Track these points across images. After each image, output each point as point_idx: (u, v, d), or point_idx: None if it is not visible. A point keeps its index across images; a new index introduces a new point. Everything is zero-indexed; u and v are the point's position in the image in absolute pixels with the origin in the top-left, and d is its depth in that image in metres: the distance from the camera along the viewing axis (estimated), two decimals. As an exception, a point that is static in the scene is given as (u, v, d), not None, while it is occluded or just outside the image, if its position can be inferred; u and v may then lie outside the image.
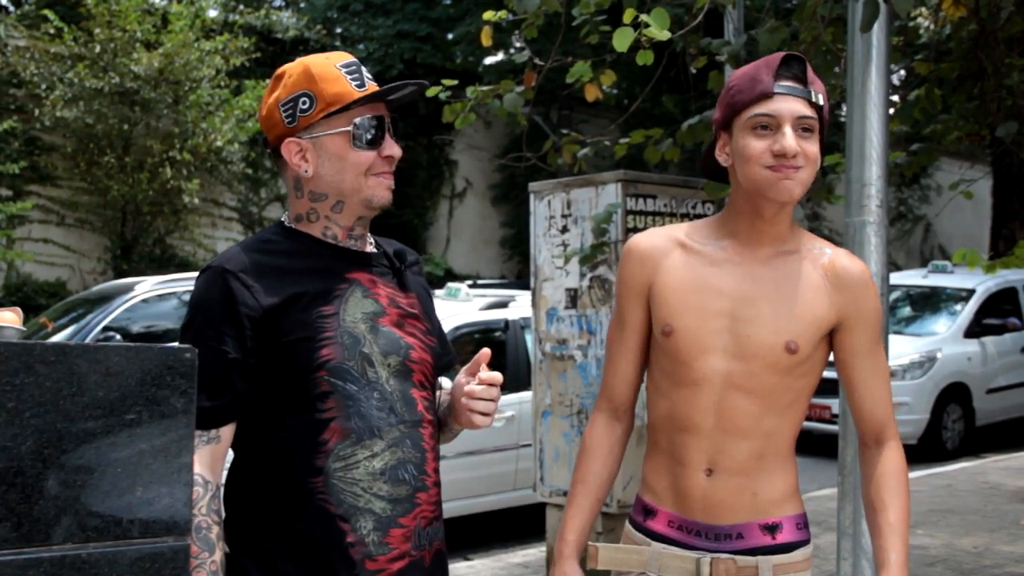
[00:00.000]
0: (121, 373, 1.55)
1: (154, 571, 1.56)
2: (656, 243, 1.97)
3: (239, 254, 1.86)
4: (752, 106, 1.84)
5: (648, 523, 1.95)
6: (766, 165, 1.82)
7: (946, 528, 6.65)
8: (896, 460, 1.92)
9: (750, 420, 1.87)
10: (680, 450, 1.91)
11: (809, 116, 1.83)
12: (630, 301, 1.97)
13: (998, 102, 4.83)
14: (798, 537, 1.91)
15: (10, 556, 1.47)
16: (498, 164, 17.02)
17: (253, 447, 1.85)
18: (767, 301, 1.87)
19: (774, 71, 1.84)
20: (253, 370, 1.80)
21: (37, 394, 1.49)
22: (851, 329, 1.90)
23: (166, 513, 1.57)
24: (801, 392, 1.91)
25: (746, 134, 1.84)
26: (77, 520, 1.52)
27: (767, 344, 1.85)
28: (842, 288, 1.90)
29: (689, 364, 1.88)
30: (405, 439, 1.84)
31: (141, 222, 14.54)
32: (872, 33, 3.16)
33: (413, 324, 1.93)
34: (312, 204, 1.91)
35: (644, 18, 3.32)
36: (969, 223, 24.82)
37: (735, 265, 1.91)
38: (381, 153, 1.89)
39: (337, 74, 1.87)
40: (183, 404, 1.58)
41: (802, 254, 1.92)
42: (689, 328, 1.88)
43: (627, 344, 1.99)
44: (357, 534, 1.78)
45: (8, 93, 13.63)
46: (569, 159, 4.87)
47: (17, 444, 1.48)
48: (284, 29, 17.65)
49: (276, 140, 1.91)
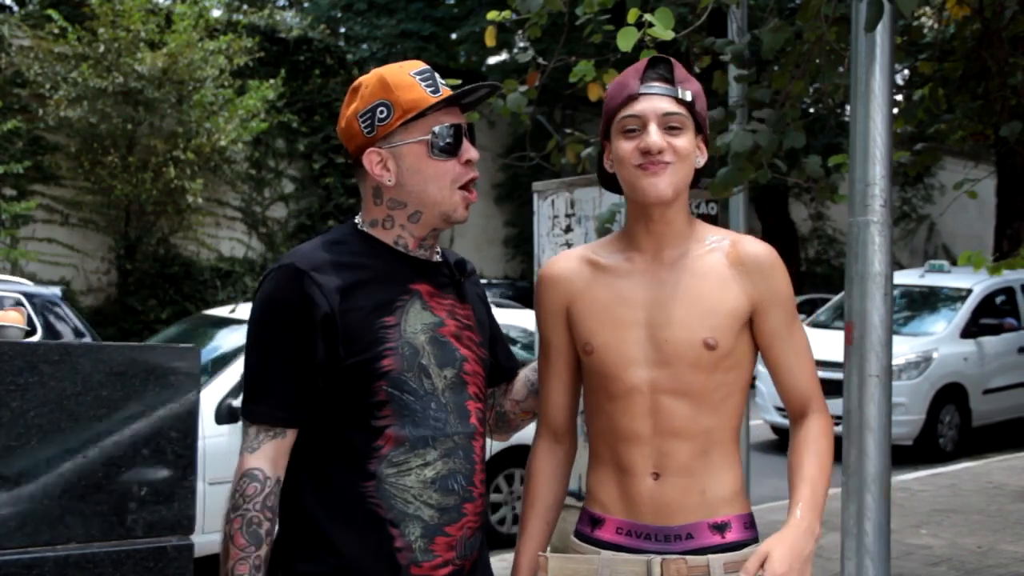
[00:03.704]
0: (125, 372, 1.55)
1: (158, 570, 1.57)
2: (566, 266, 2.01)
3: (312, 252, 1.87)
4: (621, 109, 1.89)
5: (596, 533, 1.96)
6: (635, 164, 1.87)
7: (950, 528, 6.64)
8: (816, 427, 1.94)
9: (686, 421, 1.89)
10: (624, 458, 1.93)
11: (676, 112, 1.87)
12: (551, 325, 2.02)
13: (1002, 101, 4.82)
14: (746, 536, 1.93)
15: (15, 555, 1.47)
16: (502, 163, 17.01)
17: (308, 449, 1.85)
18: (678, 303, 1.90)
19: (640, 74, 1.90)
20: (321, 372, 1.81)
21: (41, 393, 1.49)
22: (765, 312, 1.93)
23: (170, 512, 1.57)
24: (733, 386, 1.93)
25: (618, 137, 1.90)
26: (81, 519, 1.52)
27: (685, 345, 1.88)
28: (750, 273, 1.92)
29: (616, 377, 1.91)
30: (458, 450, 1.86)
31: (145, 222, 14.56)
32: (876, 32, 3.16)
33: (469, 336, 1.95)
34: (389, 212, 1.92)
35: (648, 17, 3.32)
36: (973, 223, 24.78)
37: (642, 274, 1.94)
38: (461, 159, 1.90)
39: (412, 81, 1.88)
40: (187, 403, 1.58)
41: (705, 248, 1.95)
42: (608, 344, 1.92)
43: (555, 368, 2.02)
44: (405, 539, 1.80)
45: (12, 93, 13.65)
46: (573, 159, 4.87)
47: (21, 443, 1.48)
48: (288, 29, 17.66)
49: (356, 151, 1.92)
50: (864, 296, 3.18)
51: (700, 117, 1.92)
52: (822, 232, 25.03)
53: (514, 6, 4.19)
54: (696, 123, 1.92)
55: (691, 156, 1.90)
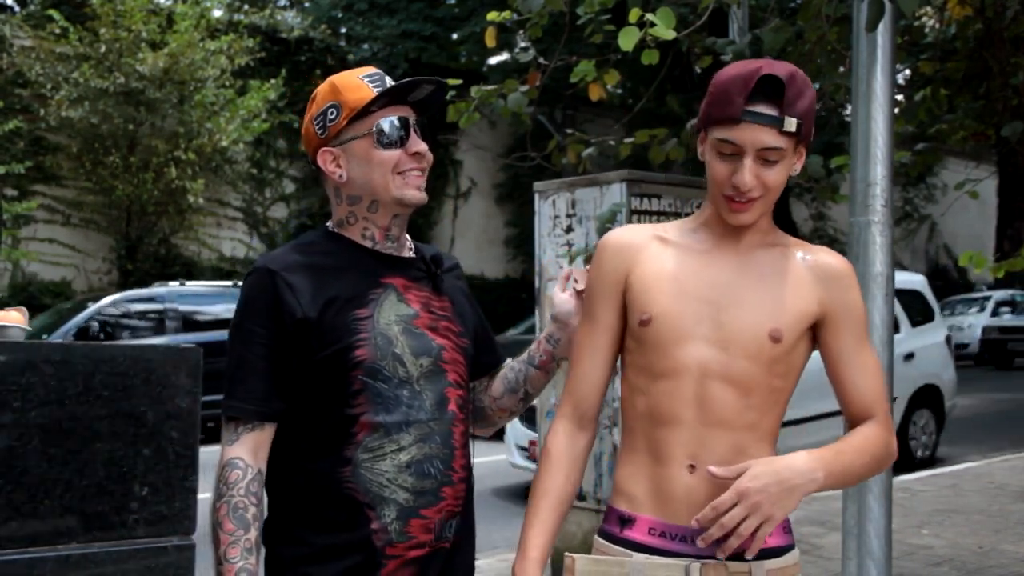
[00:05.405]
0: (126, 373, 1.55)
1: (158, 570, 1.57)
2: (632, 235, 1.92)
3: (284, 255, 1.97)
4: (718, 127, 1.79)
5: (626, 533, 1.85)
6: (724, 194, 1.80)
7: (951, 528, 6.64)
8: (872, 429, 1.86)
9: (731, 411, 1.80)
10: (660, 447, 1.83)
11: (775, 147, 1.77)
12: (603, 297, 1.90)
13: (1004, 101, 4.82)
14: (786, 541, 1.85)
15: (16, 555, 1.48)
16: (502, 164, 17.04)
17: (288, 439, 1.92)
18: (751, 289, 1.83)
19: (747, 92, 1.76)
20: (294, 367, 1.89)
21: (42, 393, 1.49)
22: (836, 326, 1.86)
23: (170, 512, 1.58)
24: (781, 394, 1.86)
25: (712, 152, 1.82)
26: (82, 519, 1.52)
27: (751, 331, 1.80)
28: (825, 281, 1.86)
29: (668, 352, 1.81)
30: (434, 435, 1.91)
31: (146, 222, 14.57)
32: (877, 33, 3.16)
33: (447, 327, 2.01)
34: (350, 208, 2.00)
35: (649, 17, 3.32)
36: (974, 223, 24.79)
37: (715, 255, 1.87)
38: (408, 151, 1.97)
39: (359, 83, 1.97)
40: (188, 403, 1.58)
41: (784, 248, 1.89)
42: (668, 314, 1.82)
43: (597, 344, 1.91)
44: (380, 522, 1.86)
45: (13, 93, 13.66)
46: (574, 159, 4.87)
47: (23, 443, 1.48)
48: (289, 29, 17.68)
49: (313, 153, 2.02)
50: (865, 296, 3.17)
51: (805, 134, 1.81)
52: (823, 232, 25.03)
53: (515, 6, 4.19)
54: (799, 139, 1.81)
55: (780, 186, 1.81)
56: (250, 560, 1.80)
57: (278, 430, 1.91)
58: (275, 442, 1.92)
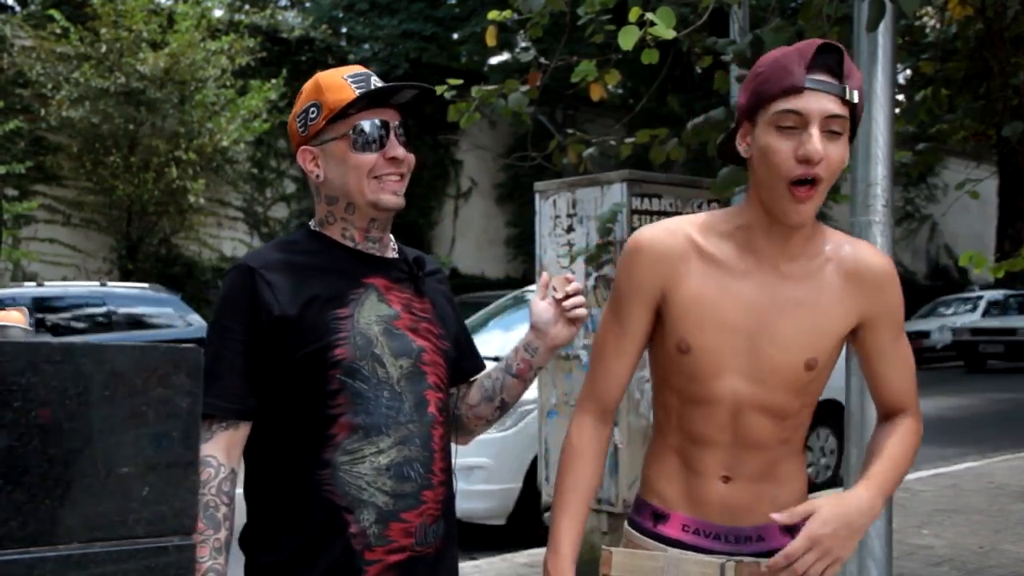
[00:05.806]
0: (127, 372, 1.55)
1: (159, 570, 1.57)
2: (671, 244, 1.82)
3: (265, 253, 1.95)
4: (779, 100, 1.70)
5: (660, 528, 1.86)
6: (790, 176, 1.70)
7: (952, 528, 6.64)
8: (907, 424, 1.87)
9: (767, 435, 1.82)
10: (694, 461, 1.84)
11: (840, 115, 1.69)
12: (636, 305, 1.84)
13: (1004, 101, 4.82)
14: None
15: (16, 556, 1.48)
16: (503, 164, 17.04)
17: (266, 441, 1.90)
18: (787, 320, 1.79)
19: (807, 62, 1.69)
20: (271, 365, 1.87)
21: (43, 393, 1.49)
22: (874, 327, 1.85)
23: (171, 512, 1.57)
24: (813, 396, 1.87)
25: (770, 131, 1.71)
26: (82, 519, 1.52)
27: (786, 364, 1.79)
28: (864, 288, 1.82)
29: (704, 384, 1.80)
30: (414, 438, 1.88)
31: (147, 222, 14.58)
32: (878, 32, 3.16)
33: (427, 328, 1.98)
34: (329, 208, 1.98)
35: (649, 17, 3.32)
36: (975, 223, 24.78)
37: (754, 277, 1.80)
38: (386, 155, 1.93)
39: (342, 83, 1.95)
40: (189, 403, 1.58)
41: (825, 257, 1.82)
42: (707, 348, 1.78)
43: (623, 347, 1.87)
44: (359, 525, 1.83)
45: (14, 93, 13.66)
46: (574, 159, 4.87)
47: (23, 443, 1.48)
48: (289, 29, 17.68)
49: (295, 150, 2.01)
50: (866, 296, 3.17)
51: (859, 117, 1.75)
52: (824, 232, 25.01)
53: (515, 6, 4.19)
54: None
55: (842, 165, 1.73)
56: (219, 560, 1.79)
57: (257, 434, 1.89)
58: (254, 446, 1.90)
